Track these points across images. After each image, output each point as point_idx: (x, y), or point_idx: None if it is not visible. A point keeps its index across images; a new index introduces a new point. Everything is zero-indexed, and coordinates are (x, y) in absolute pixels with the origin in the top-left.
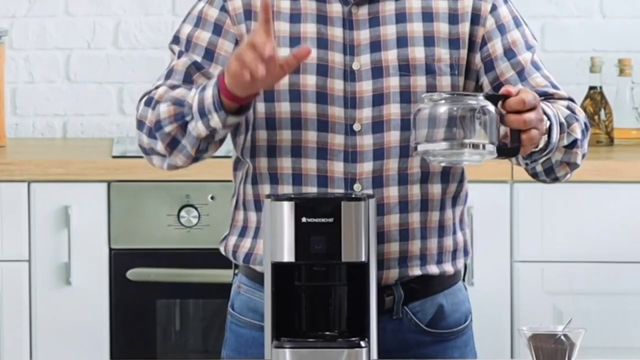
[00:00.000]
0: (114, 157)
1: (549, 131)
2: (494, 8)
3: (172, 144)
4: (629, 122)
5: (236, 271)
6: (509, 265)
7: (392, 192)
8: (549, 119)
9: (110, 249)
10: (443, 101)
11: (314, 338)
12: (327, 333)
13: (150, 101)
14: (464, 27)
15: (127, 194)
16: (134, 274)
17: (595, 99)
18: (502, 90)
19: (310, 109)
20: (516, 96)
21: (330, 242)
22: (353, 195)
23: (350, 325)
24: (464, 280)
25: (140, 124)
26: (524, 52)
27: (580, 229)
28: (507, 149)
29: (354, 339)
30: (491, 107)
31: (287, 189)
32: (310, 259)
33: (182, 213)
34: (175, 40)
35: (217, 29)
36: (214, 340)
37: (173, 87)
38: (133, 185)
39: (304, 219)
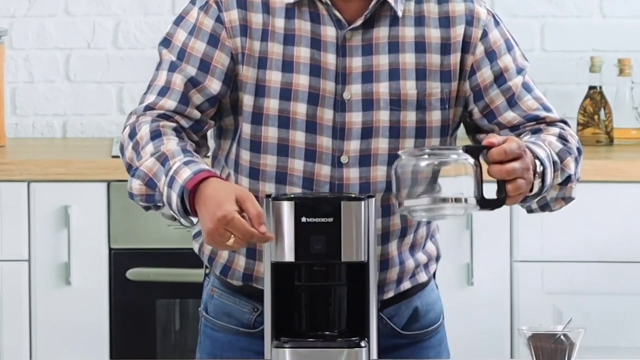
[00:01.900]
0: (114, 157)
1: (543, 175)
2: (484, 35)
3: (149, 209)
4: (629, 122)
5: (207, 272)
6: (509, 265)
7: (376, 224)
8: (542, 163)
9: (110, 249)
10: (424, 156)
11: (314, 338)
12: (327, 333)
13: (133, 135)
14: (456, 58)
15: (127, 194)
16: (134, 274)
17: (595, 99)
18: (485, 142)
19: (299, 137)
20: (498, 147)
21: (330, 242)
22: (353, 196)
23: (350, 325)
24: (434, 278)
25: (121, 150)
26: (514, 78)
27: (580, 229)
28: (491, 201)
29: (354, 339)
30: (472, 160)
31: None
32: (310, 259)
33: None
34: (166, 43)
35: (213, 41)
36: None
37: (157, 122)
38: None
39: (304, 219)
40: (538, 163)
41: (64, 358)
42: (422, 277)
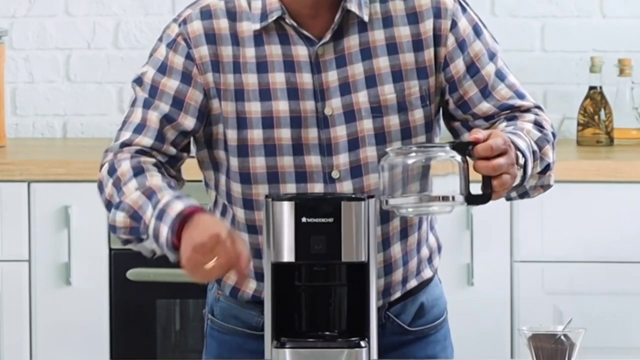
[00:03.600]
0: None
1: (524, 166)
2: (453, 24)
3: (128, 243)
4: (629, 122)
5: None
6: (509, 265)
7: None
8: (523, 154)
9: (110, 249)
10: (411, 154)
11: (314, 338)
12: (327, 333)
13: (112, 171)
14: (430, 54)
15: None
16: (134, 274)
17: (595, 99)
18: (470, 137)
19: (287, 162)
20: (484, 142)
21: (330, 242)
22: (353, 196)
23: (350, 325)
24: (436, 273)
25: (100, 187)
26: (486, 65)
27: (580, 229)
28: (477, 197)
29: (354, 339)
30: (458, 157)
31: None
32: (310, 259)
33: None
34: (139, 81)
35: (185, 78)
36: None
37: (136, 158)
38: None
39: (304, 219)
40: (519, 155)
41: (64, 358)
42: (427, 273)
